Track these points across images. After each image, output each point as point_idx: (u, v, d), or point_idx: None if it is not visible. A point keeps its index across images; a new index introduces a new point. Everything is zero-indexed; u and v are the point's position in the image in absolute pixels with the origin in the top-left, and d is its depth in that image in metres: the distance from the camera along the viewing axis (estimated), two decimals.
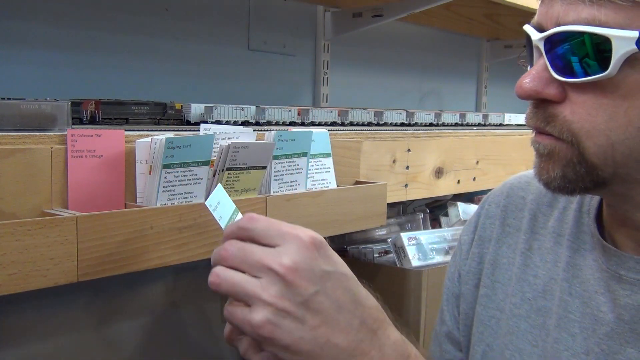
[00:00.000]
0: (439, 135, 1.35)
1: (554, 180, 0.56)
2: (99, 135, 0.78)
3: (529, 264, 0.69)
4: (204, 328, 1.45)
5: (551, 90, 0.55)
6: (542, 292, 0.67)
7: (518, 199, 0.74)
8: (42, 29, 1.21)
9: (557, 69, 0.54)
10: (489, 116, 1.72)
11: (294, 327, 0.53)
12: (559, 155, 0.56)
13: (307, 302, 0.53)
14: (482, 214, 0.77)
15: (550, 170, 0.57)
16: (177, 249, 0.80)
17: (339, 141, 1.09)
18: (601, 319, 0.60)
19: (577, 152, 0.54)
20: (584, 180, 0.55)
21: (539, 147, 0.57)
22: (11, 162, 0.70)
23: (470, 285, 0.75)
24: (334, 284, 0.55)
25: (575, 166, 0.55)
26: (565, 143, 0.55)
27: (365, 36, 1.83)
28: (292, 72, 1.72)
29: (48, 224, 0.68)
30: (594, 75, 0.52)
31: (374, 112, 1.38)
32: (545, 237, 0.69)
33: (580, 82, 0.53)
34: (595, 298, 0.61)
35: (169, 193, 0.81)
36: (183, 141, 0.79)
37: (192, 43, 1.46)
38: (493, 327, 0.70)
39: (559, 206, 0.70)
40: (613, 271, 0.60)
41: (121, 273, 0.75)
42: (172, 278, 1.37)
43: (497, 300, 0.71)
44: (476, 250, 0.75)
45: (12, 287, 0.66)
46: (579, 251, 0.65)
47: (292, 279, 0.52)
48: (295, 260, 0.53)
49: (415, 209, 1.65)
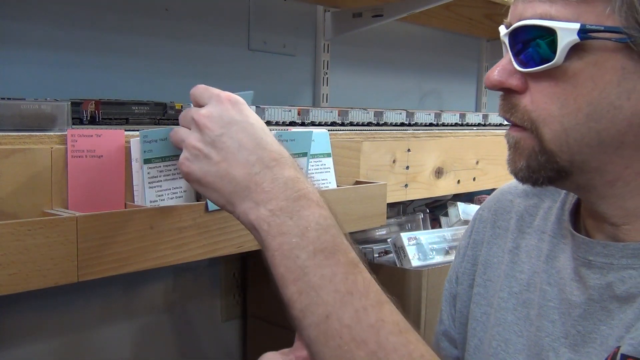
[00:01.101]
0: (439, 135, 1.35)
1: (520, 170, 0.62)
2: (99, 136, 0.77)
3: (516, 261, 0.73)
4: (203, 328, 1.45)
5: (514, 81, 0.60)
6: (527, 285, 0.71)
7: (506, 202, 0.79)
8: (42, 29, 1.21)
9: (518, 61, 0.59)
10: (489, 116, 1.72)
11: (203, 163, 0.64)
12: (522, 145, 0.61)
13: (214, 142, 0.64)
14: (477, 218, 0.83)
15: (517, 161, 0.62)
16: (177, 249, 0.80)
17: (339, 141, 1.09)
18: (574, 302, 0.64)
19: (537, 141, 0.59)
20: (545, 169, 0.60)
21: (509, 139, 0.63)
22: (11, 162, 0.70)
23: (465, 285, 0.80)
24: (239, 129, 0.64)
25: (537, 155, 0.60)
26: (527, 132, 0.60)
27: (365, 36, 1.83)
28: (292, 72, 1.72)
29: (48, 224, 0.68)
30: (545, 64, 0.57)
31: (374, 112, 1.38)
32: (531, 235, 0.74)
33: (534, 72, 0.58)
34: (569, 284, 0.65)
35: (156, 189, 0.80)
36: (158, 134, 0.78)
37: (192, 43, 1.46)
38: (484, 323, 0.74)
39: (544, 206, 0.74)
40: (583, 258, 0.64)
41: (121, 273, 0.75)
42: (172, 278, 1.38)
43: (488, 297, 0.75)
44: (470, 252, 0.81)
45: (12, 287, 0.66)
46: (558, 245, 0.69)
47: (204, 123, 0.64)
48: (209, 110, 0.65)
49: (415, 209, 1.65)
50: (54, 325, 1.20)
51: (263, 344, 1.42)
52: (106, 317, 1.27)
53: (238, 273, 1.48)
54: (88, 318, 1.24)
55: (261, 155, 0.63)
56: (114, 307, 1.28)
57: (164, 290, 1.37)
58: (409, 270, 1.21)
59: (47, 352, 1.19)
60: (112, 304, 1.28)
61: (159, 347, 1.36)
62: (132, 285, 1.30)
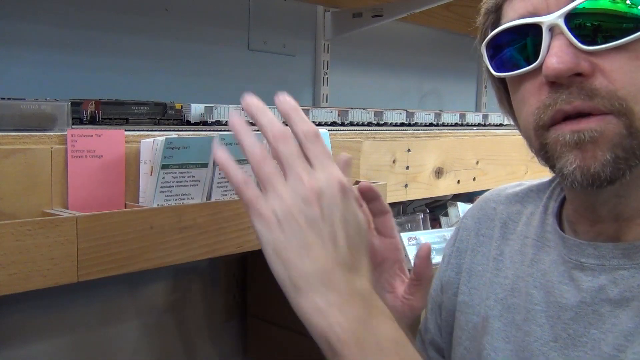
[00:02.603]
0: (439, 135, 1.35)
1: (605, 166, 0.54)
2: (99, 136, 0.78)
3: (500, 268, 0.72)
4: (203, 328, 1.45)
5: (584, 62, 0.54)
6: (511, 290, 0.69)
7: (490, 210, 0.78)
8: (42, 29, 1.21)
9: (584, 41, 0.54)
10: (489, 116, 1.72)
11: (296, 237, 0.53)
12: (607, 135, 0.54)
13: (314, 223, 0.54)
14: (461, 227, 0.82)
15: (597, 158, 0.54)
16: (177, 249, 0.80)
17: (339, 141, 1.09)
18: (565, 305, 0.62)
19: (628, 122, 0.53)
20: (633, 156, 0.54)
21: (580, 135, 0.54)
22: (11, 162, 0.70)
23: (449, 294, 0.79)
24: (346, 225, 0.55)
25: (625, 140, 0.53)
26: (610, 117, 0.54)
27: (365, 36, 1.83)
28: (292, 72, 1.72)
29: (48, 224, 0.68)
30: (630, 35, 0.52)
31: (374, 112, 1.38)
32: (514, 242, 0.72)
33: (615, 46, 0.53)
34: (558, 287, 0.64)
35: (166, 194, 0.81)
36: (183, 142, 0.80)
37: (192, 43, 1.46)
38: (470, 331, 0.73)
39: (527, 212, 0.73)
40: (575, 260, 0.63)
41: (121, 273, 0.75)
42: (172, 278, 1.37)
43: (474, 305, 0.74)
44: (454, 261, 0.80)
45: (12, 287, 0.66)
46: (543, 248, 0.68)
47: (313, 200, 0.54)
48: (320, 188, 0.54)
49: (415, 209, 1.65)
50: (54, 325, 1.20)
51: (263, 344, 1.43)
52: (106, 317, 1.27)
53: (238, 273, 1.48)
54: (88, 318, 1.24)
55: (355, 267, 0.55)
56: (114, 307, 1.28)
57: (164, 290, 1.37)
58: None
59: (47, 352, 1.19)
60: (112, 304, 1.28)
61: (159, 347, 1.36)
62: (132, 285, 1.30)
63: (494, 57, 0.64)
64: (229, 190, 0.87)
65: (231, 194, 0.87)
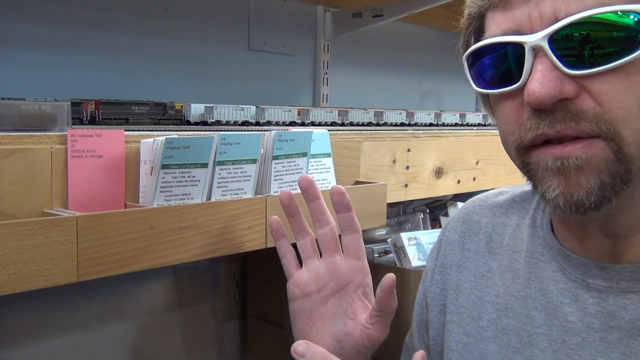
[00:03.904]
0: (439, 135, 1.35)
1: (589, 194, 0.51)
2: (99, 136, 0.78)
3: (490, 285, 0.69)
4: (203, 328, 1.45)
5: (568, 87, 0.51)
6: (505, 309, 0.66)
7: (474, 223, 0.75)
8: (42, 29, 1.21)
9: (569, 64, 0.50)
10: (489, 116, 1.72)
11: None
12: (594, 160, 0.51)
13: None
14: (443, 240, 0.78)
15: (583, 185, 0.51)
16: (177, 249, 0.80)
17: (339, 141, 1.09)
18: (571, 329, 0.59)
19: (616, 147, 0.50)
20: (619, 182, 0.51)
21: (566, 162, 0.51)
22: (11, 162, 0.70)
23: (435, 311, 0.76)
24: None
25: (612, 165, 0.51)
26: (598, 141, 0.51)
27: (365, 36, 1.83)
28: (292, 72, 1.72)
29: (48, 224, 0.68)
30: (622, 58, 0.49)
31: (374, 112, 1.38)
32: (502, 256, 0.69)
33: (605, 70, 0.49)
34: (561, 309, 0.61)
35: (166, 194, 0.81)
36: (183, 142, 0.80)
37: (192, 43, 1.46)
38: (460, 352, 0.70)
39: (512, 223, 0.70)
40: (581, 280, 0.60)
41: (121, 273, 0.75)
42: (172, 278, 1.38)
43: (463, 325, 0.71)
44: (438, 277, 0.76)
45: (12, 287, 0.66)
46: (537, 264, 0.64)
47: None
48: None
49: (415, 209, 1.65)
50: (54, 325, 1.20)
51: (263, 344, 1.43)
52: (106, 317, 1.27)
53: (238, 273, 1.48)
54: (88, 318, 1.24)
55: None
56: (114, 307, 1.28)
57: (164, 290, 1.37)
58: (409, 270, 1.21)
59: (47, 352, 1.19)
60: (112, 304, 1.28)
61: (159, 347, 1.36)
62: (132, 285, 1.30)
63: (475, 70, 0.60)
64: (229, 190, 0.87)
65: (231, 194, 0.88)
